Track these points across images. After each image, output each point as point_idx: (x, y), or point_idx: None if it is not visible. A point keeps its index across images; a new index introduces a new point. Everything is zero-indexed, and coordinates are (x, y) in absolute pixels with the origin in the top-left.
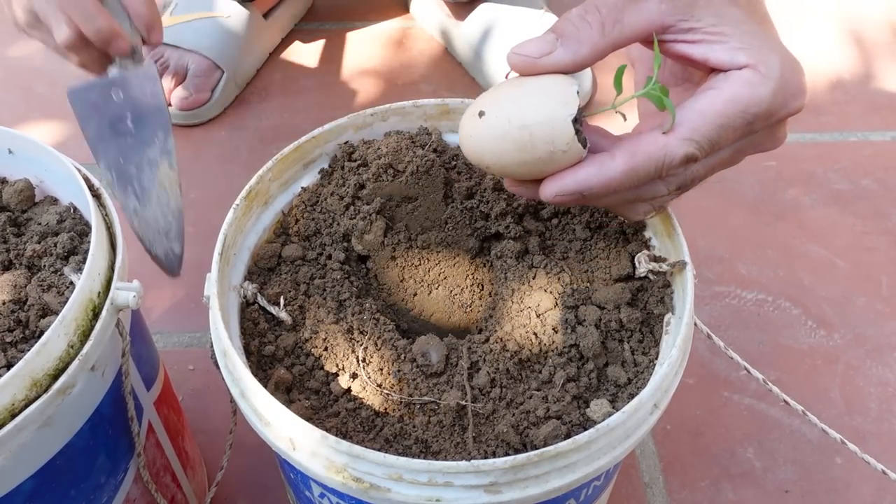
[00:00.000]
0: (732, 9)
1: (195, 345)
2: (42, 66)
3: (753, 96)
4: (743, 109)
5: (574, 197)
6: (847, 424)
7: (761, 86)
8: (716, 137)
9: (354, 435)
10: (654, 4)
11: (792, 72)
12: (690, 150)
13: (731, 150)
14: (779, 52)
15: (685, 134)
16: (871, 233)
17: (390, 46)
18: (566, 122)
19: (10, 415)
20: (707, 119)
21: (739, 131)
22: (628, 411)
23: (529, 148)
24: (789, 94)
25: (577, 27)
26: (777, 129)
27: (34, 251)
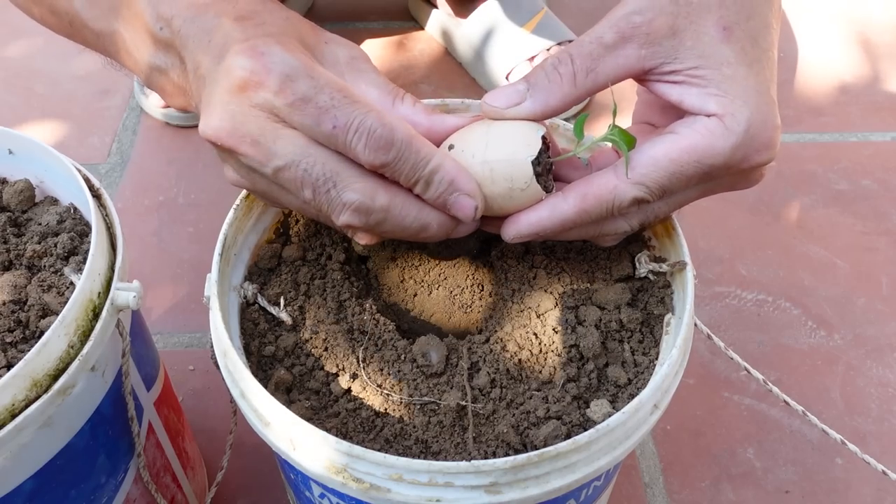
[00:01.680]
0: (722, 48)
1: (195, 345)
2: (42, 66)
3: (711, 148)
4: (697, 160)
5: (530, 238)
6: (847, 425)
7: (721, 138)
8: (666, 184)
9: (354, 435)
10: (633, 50)
11: (761, 126)
12: (639, 194)
13: (695, 191)
14: (753, 102)
15: (635, 178)
16: (871, 233)
17: (390, 46)
18: (525, 161)
19: (10, 415)
20: (659, 166)
21: (694, 179)
22: (628, 412)
23: (489, 183)
24: (752, 150)
25: (549, 78)
26: (750, 174)
27: (34, 251)
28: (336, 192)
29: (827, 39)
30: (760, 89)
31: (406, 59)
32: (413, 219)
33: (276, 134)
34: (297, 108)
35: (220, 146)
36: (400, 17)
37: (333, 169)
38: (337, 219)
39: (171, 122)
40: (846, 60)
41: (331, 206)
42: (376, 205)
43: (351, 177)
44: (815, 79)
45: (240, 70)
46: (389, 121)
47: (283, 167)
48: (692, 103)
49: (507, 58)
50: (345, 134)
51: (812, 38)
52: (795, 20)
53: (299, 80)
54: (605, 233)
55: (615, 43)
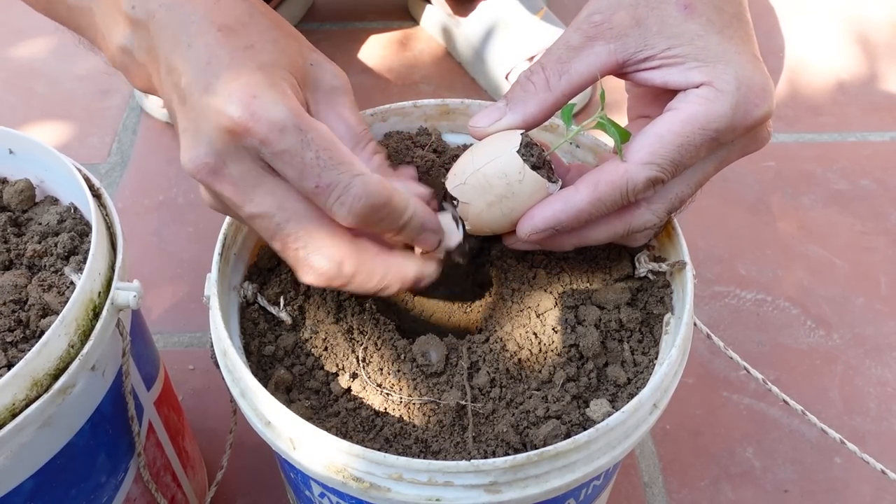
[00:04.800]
0: (689, 24)
1: (195, 345)
2: (43, 66)
3: (711, 113)
4: (702, 126)
5: (548, 233)
6: (846, 424)
7: (718, 101)
8: (677, 157)
9: (354, 435)
10: (601, 47)
11: (751, 80)
12: (651, 173)
13: (711, 163)
14: (735, 62)
15: (645, 158)
16: (870, 233)
17: (390, 46)
18: (511, 153)
19: (10, 414)
20: (665, 141)
21: (705, 147)
22: (628, 411)
23: (488, 188)
24: (751, 104)
25: (524, 89)
26: (757, 132)
27: (35, 251)
28: (305, 252)
29: (826, 39)
30: (738, 49)
31: (406, 58)
32: (376, 283)
33: (258, 181)
34: (283, 162)
35: (200, 181)
36: (400, 17)
37: (306, 228)
38: (301, 276)
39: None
40: (845, 60)
41: (297, 264)
42: (343, 272)
43: (323, 240)
44: (814, 79)
45: (230, 113)
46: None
47: (257, 215)
48: (677, 81)
49: (507, 57)
50: (326, 195)
51: (811, 38)
52: (795, 20)
53: (288, 131)
54: (634, 228)
55: (582, 44)
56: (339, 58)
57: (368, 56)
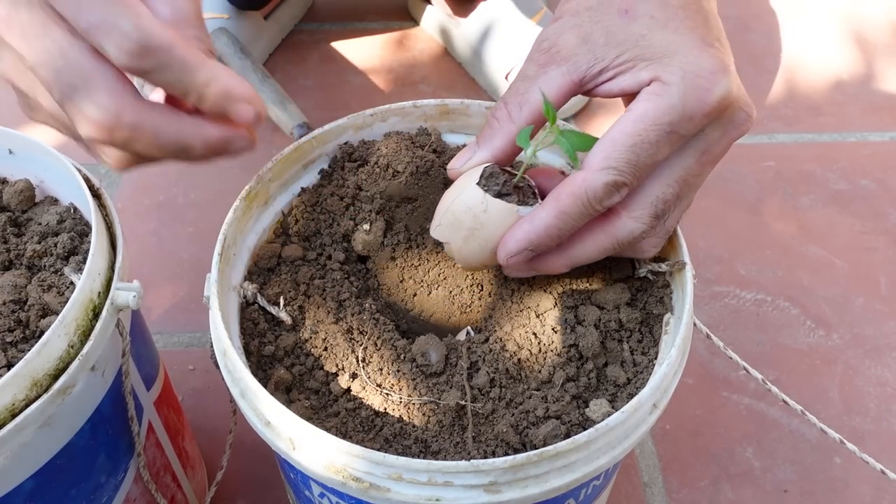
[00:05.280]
0: (632, 27)
1: (195, 345)
2: None
3: (659, 107)
4: (653, 122)
5: (525, 255)
6: (846, 424)
7: (664, 95)
8: (633, 158)
9: (354, 435)
10: (554, 71)
11: (697, 66)
12: (608, 177)
13: (690, 157)
14: (680, 52)
15: (600, 164)
16: (870, 233)
17: (390, 47)
18: (472, 186)
19: (10, 414)
20: (618, 143)
21: (664, 142)
22: (627, 411)
23: (458, 224)
24: (701, 90)
25: (490, 126)
26: (731, 115)
27: (34, 251)
28: (80, 101)
29: (825, 39)
30: (684, 39)
31: (406, 59)
32: (170, 138)
33: (45, 29)
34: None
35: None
36: (400, 17)
37: (86, 77)
38: (81, 130)
39: None
40: (844, 60)
41: (74, 117)
42: (122, 122)
43: (101, 88)
44: (814, 79)
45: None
46: (148, 25)
47: (40, 63)
48: (630, 85)
49: (507, 57)
50: (98, 34)
51: (810, 38)
52: (794, 20)
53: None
54: (622, 240)
55: (537, 73)
56: (339, 58)
57: (368, 56)
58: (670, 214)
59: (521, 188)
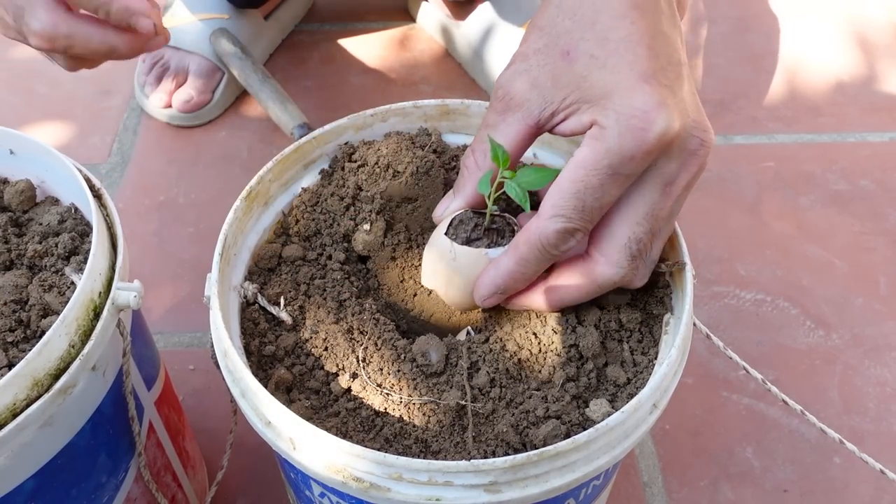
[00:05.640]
0: (574, 69)
1: (195, 345)
2: (43, 67)
3: (597, 152)
4: (593, 167)
5: (496, 297)
6: (845, 424)
7: (601, 139)
8: (580, 203)
9: (354, 434)
10: (512, 117)
11: (630, 106)
12: (558, 225)
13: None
14: (616, 92)
15: (549, 212)
16: (870, 233)
17: (390, 47)
18: (440, 236)
19: (11, 414)
20: (563, 190)
21: (607, 185)
22: (627, 411)
23: (436, 273)
24: (636, 129)
25: (461, 174)
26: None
27: (35, 251)
28: (27, 19)
29: (825, 40)
30: (621, 77)
31: (406, 59)
32: (99, 42)
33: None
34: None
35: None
36: (400, 17)
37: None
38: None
39: (173, 123)
40: (844, 61)
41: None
42: (59, 31)
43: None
44: (814, 79)
45: None
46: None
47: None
48: (575, 127)
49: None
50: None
51: (810, 39)
52: (794, 20)
53: None
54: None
55: (496, 121)
56: (339, 58)
57: (368, 56)
58: (651, 249)
59: (494, 229)
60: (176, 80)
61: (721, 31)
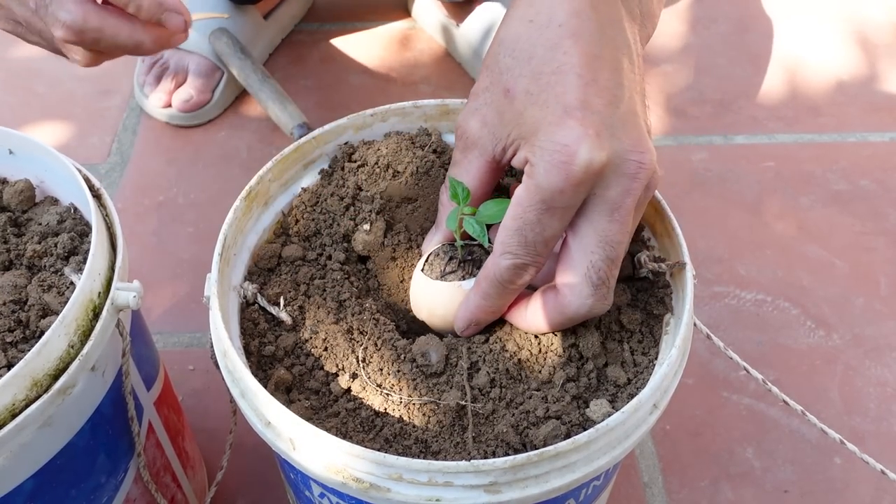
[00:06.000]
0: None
1: (195, 345)
2: (42, 66)
3: (529, 188)
4: (528, 203)
5: (473, 328)
6: (846, 424)
7: (531, 175)
8: (522, 239)
9: (354, 435)
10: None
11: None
12: (507, 261)
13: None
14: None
15: (498, 250)
16: (870, 233)
17: (390, 47)
18: (417, 272)
19: (10, 415)
20: (507, 227)
21: (545, 219)
22: (628, 411)
23: (419, 306)
24: (559, 164)
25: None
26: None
27: (35, 251)
28: (54, 8)
29: (825, 40)
30: (547, 113)
31: (406, 59)
32: (126, 37)
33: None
34: None
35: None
36: (400, 17)
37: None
38: (55, 33)
39: (172, 122)
40: (844, 61)
41: (48, 21)
42: (88, 25)
43: None
44: (814, 79)
45: None
46: None
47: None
48: (518, 164)
49: None
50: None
51: (810, 39)
52: (794, 20)
53: None
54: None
55: (459, 159)
56: (339, 58)
57: (368, 56)
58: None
59: (471, 260)
60: (175, 79)
61: (721, 31)
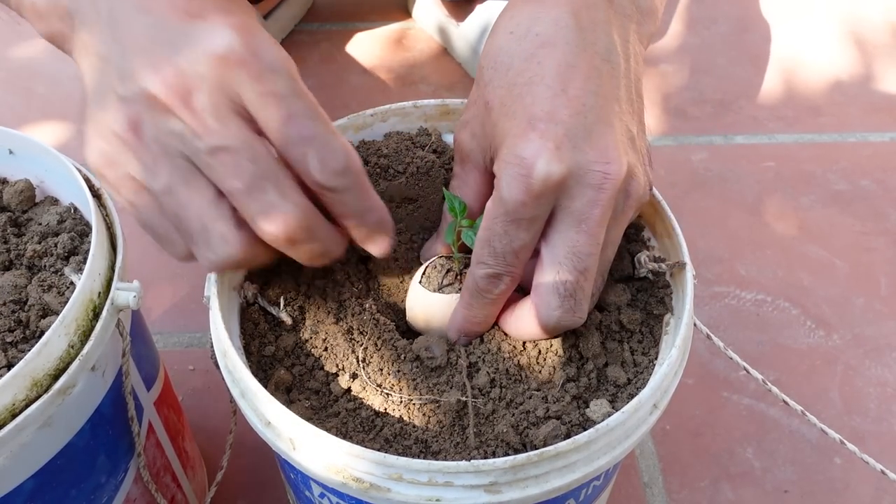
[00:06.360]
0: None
1: (195, 345)
2: (42, 66)
3: (494, 200)
4: (494, 215)
5: (465, 338)
6: (846, 424)
7: (497, 188)
8: (492, 250)
9: (354, 435)
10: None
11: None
12: (481, 271)
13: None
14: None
15: (474, 260)
16: (870, 233)
17: (390, 47)
18: (414, 285)
19: (10, 415)
20: (479, 238)
21: (511, 230)
22: (628, 411)
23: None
24: (520, 177)
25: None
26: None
27: (35, 251)
28: (276, 195)
29: (825, 40)
30: (513, 125)
31: (406, 58)
32: (323, 247)
33: (228, 115)
34: (270, 103)
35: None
36: (400, 18)
37: (276, 172)
38: (264, 223)
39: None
40: (845, 61)
41: (263, 208)
42: (307, 225)
43: (292, 187)
44: (814, 79)
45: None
46: (352, 152)
47: (225, 148)
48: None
49: None
50: (307, 145)
51: (810, 39)
52: (794, 21)
53: (281, 75)
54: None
55: (458, 172)
56: (339, 58)
57: (368, 56)
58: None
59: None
60: None
61: (721, 31)
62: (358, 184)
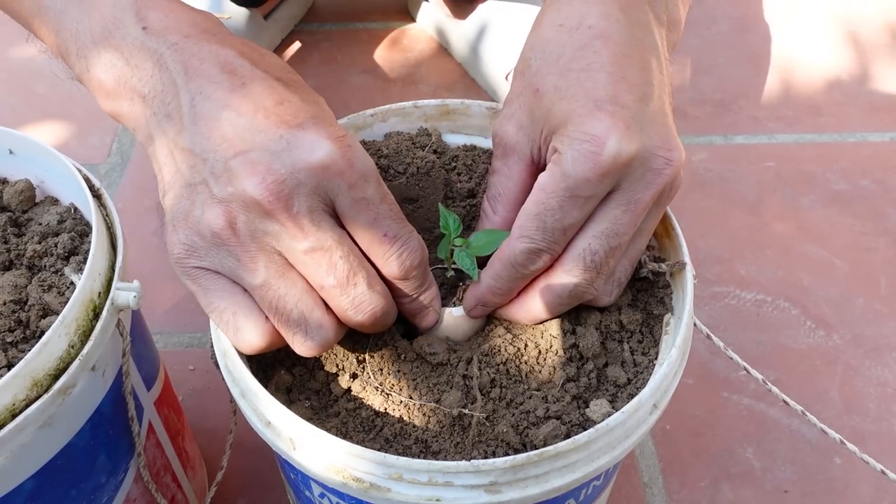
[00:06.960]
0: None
1: (195, 345)
2: (43, 67)
3: (554, 175)
4: (552, 190)
5: (479, 309)
6: (846, 424)
7: (559, 164)
8: (541, 225)
9: (354, 435)
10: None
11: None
12: (523, 245)
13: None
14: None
15: (516, 233)
16: (870, 233)
17: (390, 47)
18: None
19: (10, 415)
20: (528, 212)
21: (567, 207)
22: (628, 411)
23: None
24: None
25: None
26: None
27: (35, 251)
28: (364, 289)
29: (825, 40)
30: (576, 106)
31: (406, 59)
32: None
33: (322, 217)
34: (360, 209)
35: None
36: (400, 18)
37: (363, 266)
38: (355, 315)
39: None
40: (845, 61)
41: (353, 302)
42: (390, 309)
43: (377, 279)
44: (814, 79)
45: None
46: (424, 247)
47: (320, 248)
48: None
49: (506, 57)
50: (390, 244)
51: (810, 39)
52: (794, 21)
53: (371, 183)
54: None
55: (500, 167)
56: (339, 58)
57: (368, 56)
58: (616, 265)
59: (461, 287)
60: None
61: (721, 31)
62: (426, 275)
